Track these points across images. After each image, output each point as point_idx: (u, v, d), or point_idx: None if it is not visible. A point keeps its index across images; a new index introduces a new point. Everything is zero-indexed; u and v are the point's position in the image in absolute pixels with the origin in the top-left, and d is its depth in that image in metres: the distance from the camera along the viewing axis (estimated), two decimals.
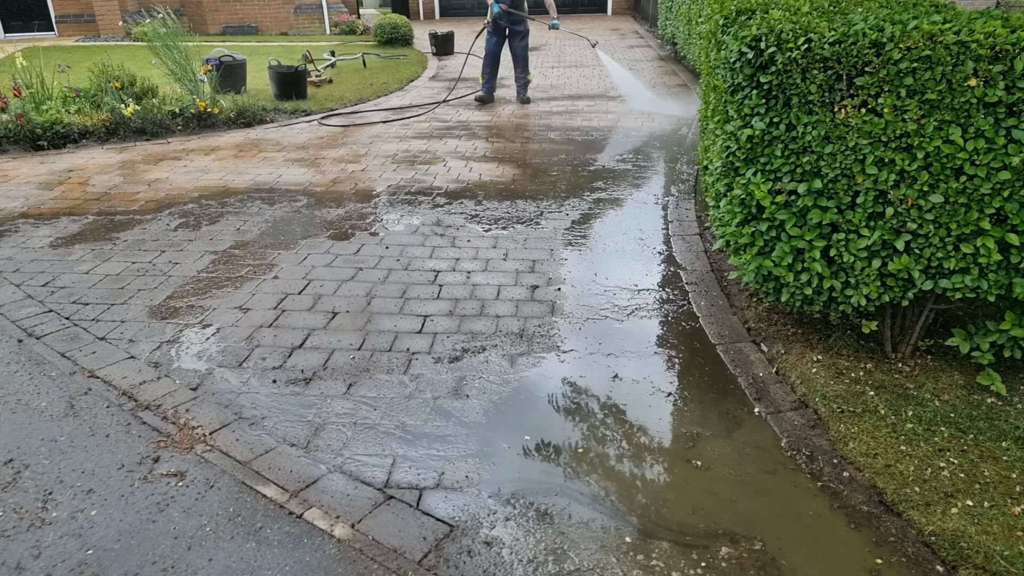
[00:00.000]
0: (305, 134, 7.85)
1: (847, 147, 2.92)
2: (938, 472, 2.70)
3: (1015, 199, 2.76)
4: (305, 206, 5.64)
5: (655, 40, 14.28)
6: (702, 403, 3.20)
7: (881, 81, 2.82)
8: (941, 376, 3.23)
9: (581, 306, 4.02)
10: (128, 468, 2.81)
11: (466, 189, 5.97)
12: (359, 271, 4.48)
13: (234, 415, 3.12)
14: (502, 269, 4.47)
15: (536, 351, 3.59)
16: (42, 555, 2.42)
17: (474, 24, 17.83)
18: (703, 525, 2.53)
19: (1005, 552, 2.35)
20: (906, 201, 2.89)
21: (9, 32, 15.96)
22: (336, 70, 11.37)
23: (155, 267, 4.57)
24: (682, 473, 2.79)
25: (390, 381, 3.36)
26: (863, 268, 3.02)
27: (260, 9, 16.72)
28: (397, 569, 2.34)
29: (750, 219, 3.24)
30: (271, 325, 3.86)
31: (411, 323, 3.86)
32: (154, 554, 2.42)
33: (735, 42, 3.13)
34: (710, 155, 3.80)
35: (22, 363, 3.52)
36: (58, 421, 3.09)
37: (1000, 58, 2.67)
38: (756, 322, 3.78)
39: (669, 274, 4.42)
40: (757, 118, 3.10)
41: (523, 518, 2.57)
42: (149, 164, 6.80)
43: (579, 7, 19.95)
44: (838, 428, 2.95)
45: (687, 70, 10.78)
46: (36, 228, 5.25)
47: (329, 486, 2.71)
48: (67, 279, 4.42)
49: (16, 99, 7.40)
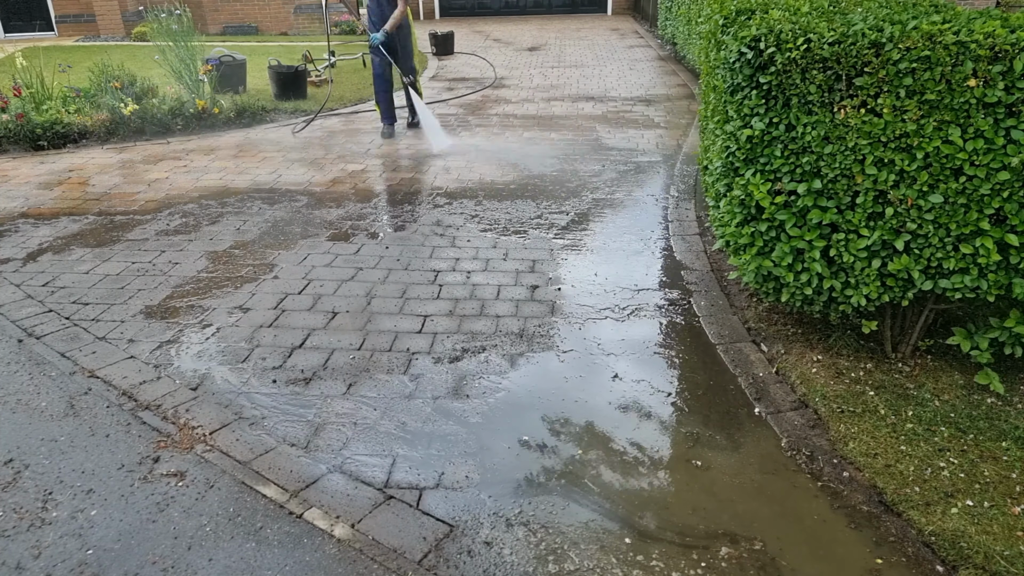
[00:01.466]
0: (305, 133, 7.85)
1: (847, 147, 2.92)
2: (938, 472, 2.70)
3: (1014, 200, 2.76)
4: (305, 206, 5.65)
5: (655, 40, 14.27)
6: (702, 403, 3.20)
7: (880, 81, 2.82)
8: (941, 376, 3.23)
9: (581, 306, 4.02)
10: (128, 468, 2.81)
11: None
12: (359, 271, 4.48)
13: (234, 415, 3.12)
14: (502, 269, 4.47)
15: (536, 351, 3.60)
16: (42, 555, 2.42)
17: (475, 24, 17.84)
18: (703, 525, 2.53)
19: (1005, 552, 2.35)
20: (906, 201, 2.89)
21: (9, 32, 15.96)
22: (336, 70, 11.37)
23: (155, 267, 4.57)
24: (682, 473, 2.79)
25: (390, 381, 3.37)
26: (863, 268, 3.02)
27: (260, 9, 16.72)
28: (397, 569, 2.35)
29: (750, 219, 3.25)
30: (271, 325, 3.86)
31: (411, 323, 3.87)
32: (154, 554, 2.42)
33: (735, 42, 3.13)
34: (710, 155, 3.80)
35: (22, 363, 3.52)
36: (58, 421, 3.09)
37: (999, 58, 2.67)
38: (756, 322, 3.78)
39: (669, 274, 4.42)
40: (757, 118, 3.10)
41: (523, 518, 2.57)
42: (149, 164, 6.80)
43: (579, 7, 19.95)
44: (838, 428, 2.95)
45: (687, 70, 10.77)
46: (36, 228, 5.25)
47: (329, 486, 2.71)
48: (67, 279, 4.42)
49: (16, 99, 7.40)
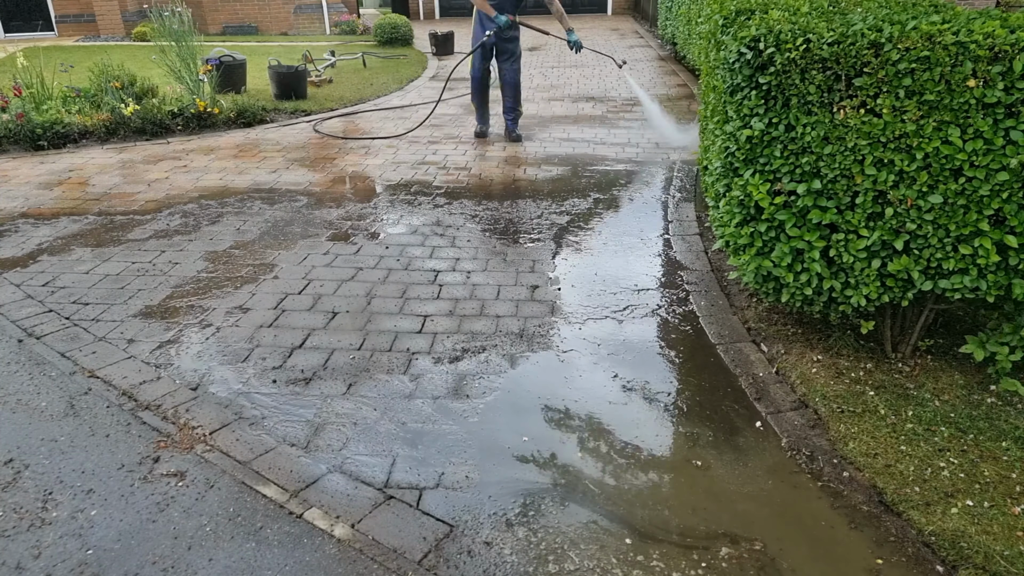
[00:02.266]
0: (305, 134, 7.85)
1: (846, 147, 2.92)
2: (938, 472, 2.70)
3: (1013, 201, 2.76)
4: (305, 206, 5.65)
5: (655, 40, 14.27)
6: (702, 403, 3.20)
7: (880, 82, 2.82)
8: (941, 376, 3.23)
9: (581, 306, 4.02)
10: (128, 468, 2.81)
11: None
12: (359, 271, 4.48)
13: (234, 415, 3.12)
14: (502, 268, 4.47)
15: (536, 351, 3.60)
16: (42, 555, 2.43)
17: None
18: (703, 526, 2.53)
19: (1005, 552, 2.35)
20: (905, 202, 2.89)
21: (9, 32, 15.96)
22: (336, 70, 11.38)
23: (155, 267, 4.58)
24: (682, 473, 2.79)
25: (390, 381, 3.37)
26: (863, 268, 3.02)
27: (260, 9, 16.73)
28: (397, 569, 2.35)
29: (749, 219, 3.25)
30: (271, 325, 3.86)
31: (411, 323, 3.87)
32: (154, 554, 2.42)
33: (734, 42, 3.13)
34: (709, 155, 3.80)
35: (22, 363, 3.52)
36: (58, 421, 3.09)
37: (999, 59, 2.67)
38: (756, 322, 3.78)
39: (669, 274, 4.42)
40: (756, 119, 3.10)
41: (523, 518, 2.57)
42: (149, 164, 6.80)
43: (579, 7, 19.96)
44: (838, 428, 2.95)
45: (687, 70, 10.78)
46: (36, 228, 5.25)
47: (329, 486, 2.71)
48: (67, 279, 4.42)
49: (16, 99, 7.40)
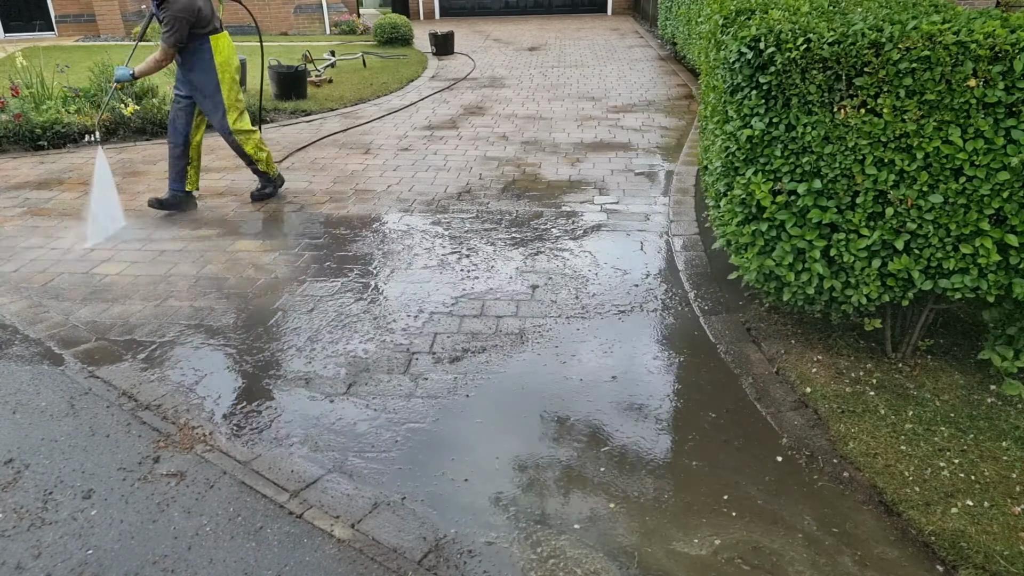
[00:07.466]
0: (305, 134, 7.85)
1: (847, 147, 2.92)
2: (938, 472, 2.70)
3: (1014, 200, 2.76)
4: (301, 208, 5.64)
5: (655, 40, 14.27)
6: (702, 402, 3.20)
7: (880, 81, 2.82)
8: (941, 376, 3.23)
9: (582, 305, 4.02)
10: (128, 468, 2.81)
11: None
12: (358, 272, 4.48)
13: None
14: (501, 268, 4.47)
15: (536, 351, 3.59)
16: (42, 555, 2.42)
17: (475, 24, 17.84)
18: (703, 526, 2.53)
19: (1005, 552, 2.35)
20: (906, 201, 2.89)
21: (9, 32, 15.96)
22: (336, 70, 11.38)
23: (155, 267, 4.57)
24: (682, 473, 2.79)
25: (390, 381, 3.37)
26: (863, 268, 3.02)
27: (260, 9, 16.69)
28: (397, 569, 2.35)
29: (750, 219, 3.24)
30: (273, 326, 3.86)
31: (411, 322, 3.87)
32: (154, 554, 2.42)
33: (734, 42, 3.13)
34: (710, 155, 3.80)
35: (22, 363, 3.52)
36: (58, 421, 3.09)
37: (999, 58, 2.67)
38: (756, 322, 3.78)
39: (669, 274, 4.42)
40: (756, 118, 3.10)
41: (523, 518, 2.57)
42: (149, 164, 6.79)
43: (579, 7, 19.96)
44: (838, 428, 2.95)
45: (687, 70, 10.77)
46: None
47: (329, 486, 2.71)
48: (67, 279, 4.42)
49: (15, 99, 7.40)
